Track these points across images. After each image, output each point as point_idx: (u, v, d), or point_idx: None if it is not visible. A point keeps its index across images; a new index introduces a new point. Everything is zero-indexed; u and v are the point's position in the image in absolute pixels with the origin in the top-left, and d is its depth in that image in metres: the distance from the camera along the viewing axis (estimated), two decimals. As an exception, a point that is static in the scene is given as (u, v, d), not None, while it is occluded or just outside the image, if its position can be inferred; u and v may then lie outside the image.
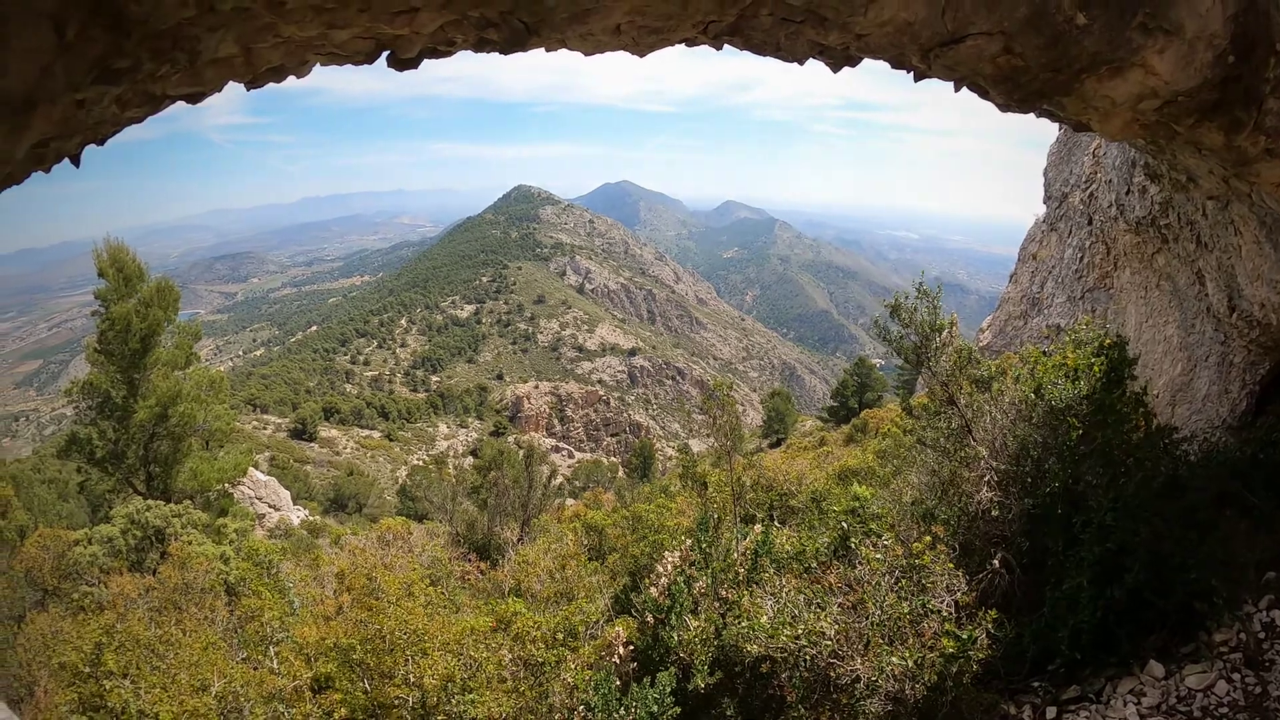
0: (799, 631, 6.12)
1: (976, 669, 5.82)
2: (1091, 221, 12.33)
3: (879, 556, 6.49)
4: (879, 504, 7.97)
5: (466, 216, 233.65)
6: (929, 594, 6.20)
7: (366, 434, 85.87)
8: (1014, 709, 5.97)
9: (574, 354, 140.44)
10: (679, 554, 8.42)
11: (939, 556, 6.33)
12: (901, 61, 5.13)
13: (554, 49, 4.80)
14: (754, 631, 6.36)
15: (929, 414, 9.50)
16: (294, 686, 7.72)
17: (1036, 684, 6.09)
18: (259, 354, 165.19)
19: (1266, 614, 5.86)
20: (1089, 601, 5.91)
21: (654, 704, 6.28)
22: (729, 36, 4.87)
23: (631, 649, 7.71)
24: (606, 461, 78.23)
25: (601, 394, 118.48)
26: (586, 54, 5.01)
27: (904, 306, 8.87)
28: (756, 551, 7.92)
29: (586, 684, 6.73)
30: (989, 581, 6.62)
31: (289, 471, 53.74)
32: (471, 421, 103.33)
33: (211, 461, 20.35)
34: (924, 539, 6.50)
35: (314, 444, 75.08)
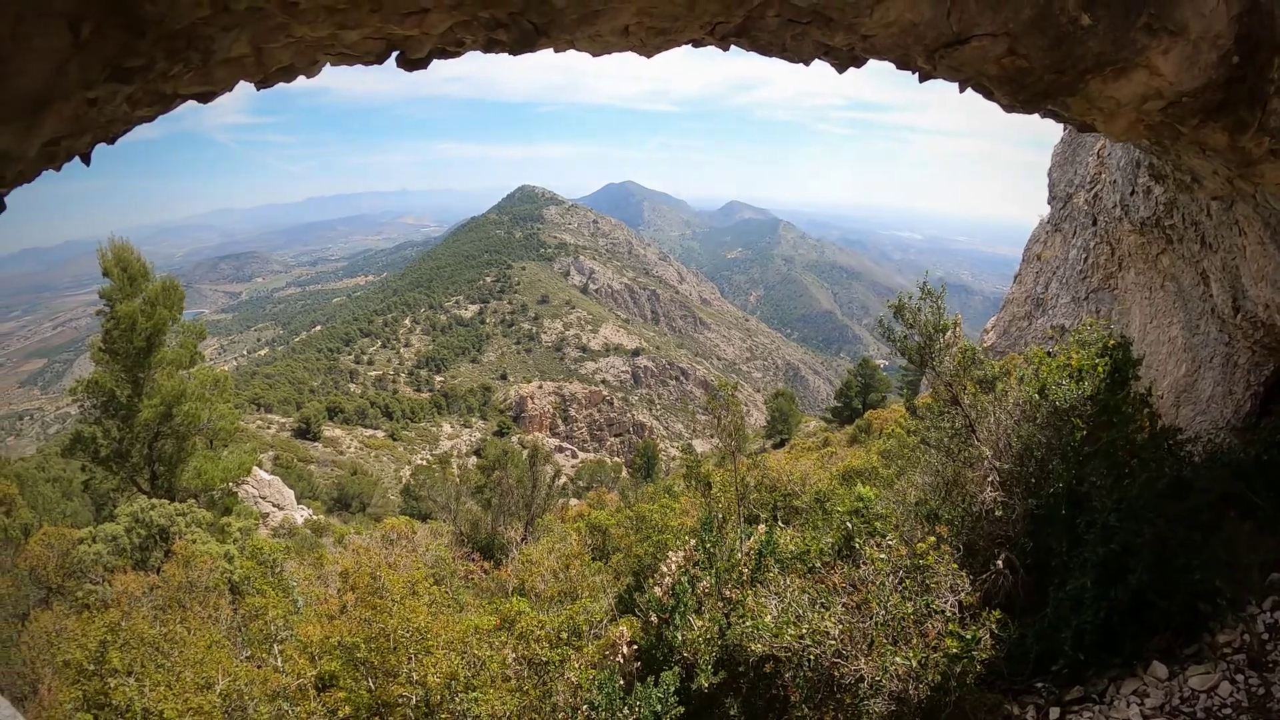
0: (803, 631, 6.13)
1: (980, 669, 5.83)
2: (1096, 222, 12.33)
3: (883, 556, 6.50)
4: (883, 504, 7.97)
5: (471, 216, 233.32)
6: (933, 594, 6.21)
7: (370, 433, 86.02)
8: (1017, 709, 5.96)
9: (578, 354, 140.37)
10: (683, 554, 8.41)
11: (943, 557, 6.34)
12: (907, 62, 5.14)
13: (562, 50, 4.82)
14: (758, 631, 6.37)
15: (933, 414, 9.50)
16: (298, 685, 7.76)
17: (1040, 684, 6.09)
18: (263, 353, 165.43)
19: (1270, 615, 5.85)
20: (1092, 602, 5.91)
21: (658, 703, 6.28)
22: (735, 37, 4.88)
23: (635, 648, 7.70)
24: (610, 462, 78.31)
25: (605, 394, 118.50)
26: (594, 55, 5.02)
27: (908, 307, 8.87)
28: (760, 551, 7.92)
29: (590, 683, 6.72)
30: (993, 582, 6.63)
31: (293, 471, 53.78)
32: (475, 421, 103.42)
33: (216, 460, 20.40)
34: (928, 539, 6.51)
35: (318, 443, 75.25)
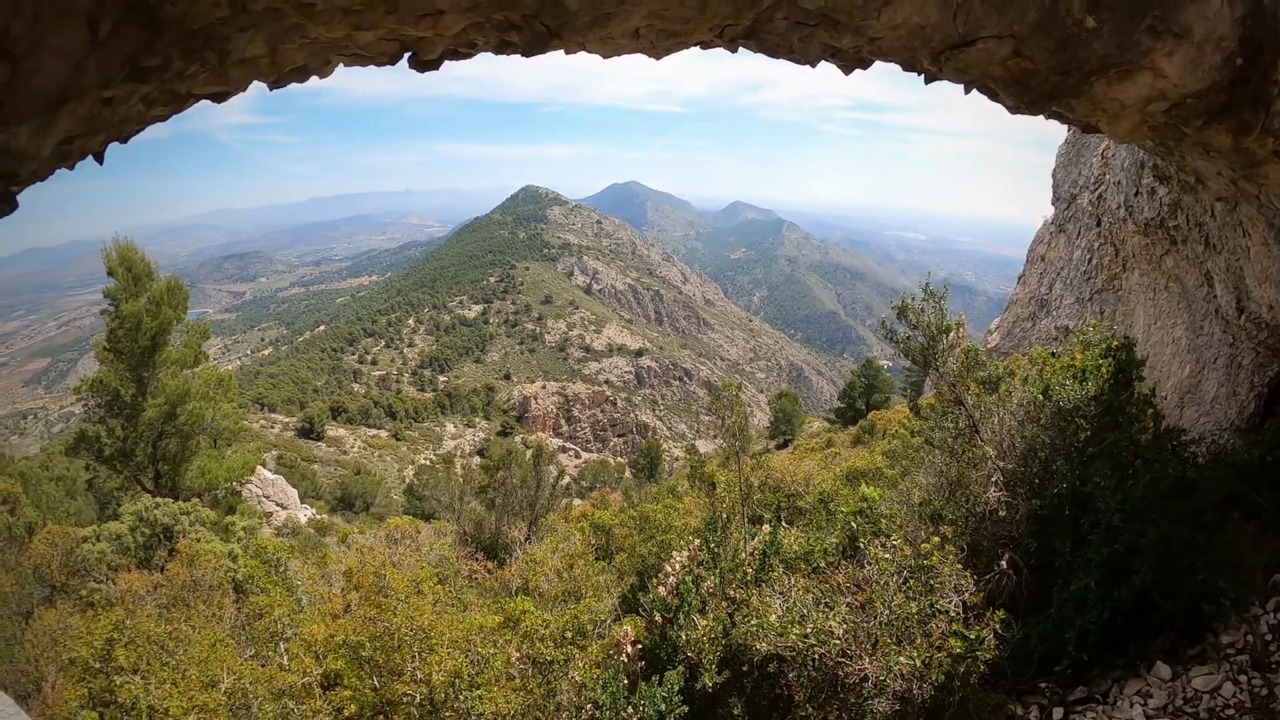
0: (807, 630, 6.14)
1: (984, 669, 5.83)
2: (1100, 223, 12.33)
3: (887, 556, 6.51)
4: (887, 504, 7.97)
5: (474, 217, 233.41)
6: (937, 594, 6.21)
7: (374, 433, 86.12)
8: (1021, 709, 5.97)
9: (581, 354, 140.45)
10: (687, 554, 8.42)
11: (947, 557, 6.34)
12: (913, 64, 5.16)
13: (574, 51, 4.84)
14: (762, 630, 6.37)
15: (937, 415, 9.51)
16: (303, 683, 7.78)
17: (1043, 685, 6.09)
18: (267, 353, 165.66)
19: (1274, 616, 5.84)
20: (1096, 603, 5.92)
21: (662, 702, 6.30)
22: (744, 40, 4.90)
23: (639, 648, 7.71)
24: (613, 462, 78.30)
25: (609, 394, 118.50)
26: (605, 57, 5.04)
27: (911, 308, 8.88)
28: (764, 551, 7.93)
29: (594, 682, 6.74)
30: (996, 582, 6.64)
31: (296, 470, 53.86)
32: (479, 421, 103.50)
33: (219, 460, 20.44)
34: (932, 539, 6.51)
35: (321, 443, 75.32)
